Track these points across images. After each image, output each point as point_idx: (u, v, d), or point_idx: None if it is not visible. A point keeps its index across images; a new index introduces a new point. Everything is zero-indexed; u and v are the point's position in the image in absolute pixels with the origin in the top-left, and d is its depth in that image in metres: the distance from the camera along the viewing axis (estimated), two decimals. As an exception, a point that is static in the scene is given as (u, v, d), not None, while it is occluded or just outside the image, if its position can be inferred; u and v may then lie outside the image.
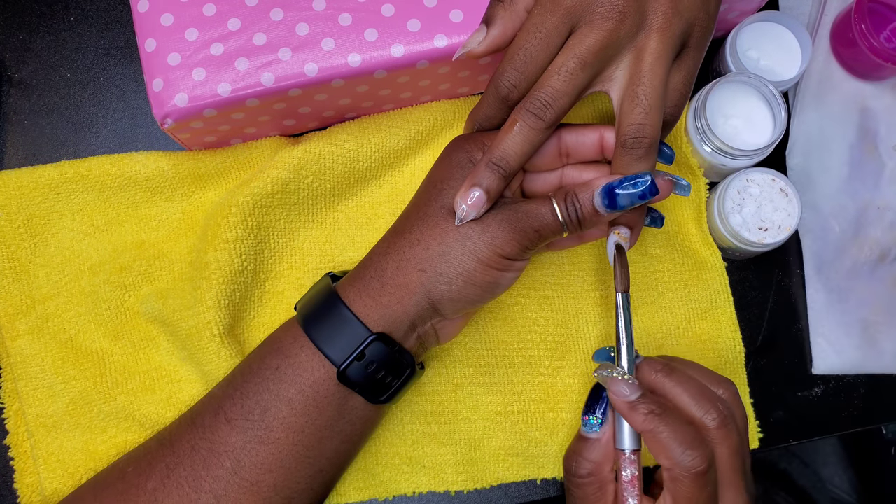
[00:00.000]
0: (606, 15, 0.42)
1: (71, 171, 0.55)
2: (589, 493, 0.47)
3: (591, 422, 0.47)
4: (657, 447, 0.43)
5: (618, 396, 0.44)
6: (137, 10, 0.50)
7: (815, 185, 0.60)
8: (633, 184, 0.43)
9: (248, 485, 0.45)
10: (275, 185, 0.53)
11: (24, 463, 0.53)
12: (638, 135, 0.42)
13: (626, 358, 0.46)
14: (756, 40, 0.58)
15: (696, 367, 0.48)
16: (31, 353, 0.54)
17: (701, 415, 0.44)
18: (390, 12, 0.49)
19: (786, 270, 0.60)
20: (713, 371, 0.48)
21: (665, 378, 0.45)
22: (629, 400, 0.44)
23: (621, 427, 0.45)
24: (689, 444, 0.42)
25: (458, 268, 0.44)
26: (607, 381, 0.45)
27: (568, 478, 0.48)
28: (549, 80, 0.43)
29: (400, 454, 0.55)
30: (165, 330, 0.54)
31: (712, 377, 0.47)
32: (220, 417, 0.46)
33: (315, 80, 0.49)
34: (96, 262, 0.55)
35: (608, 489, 0.47)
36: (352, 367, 0.45)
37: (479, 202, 0.43)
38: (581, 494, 0.47)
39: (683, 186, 0.47)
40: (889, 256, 0.60)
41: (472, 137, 0.47)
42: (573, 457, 0.47)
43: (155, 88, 0.48)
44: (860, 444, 0.93)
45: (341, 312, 0.45)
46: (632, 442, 0.45)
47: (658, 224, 0.49)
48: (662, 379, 0.45)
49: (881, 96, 0.61)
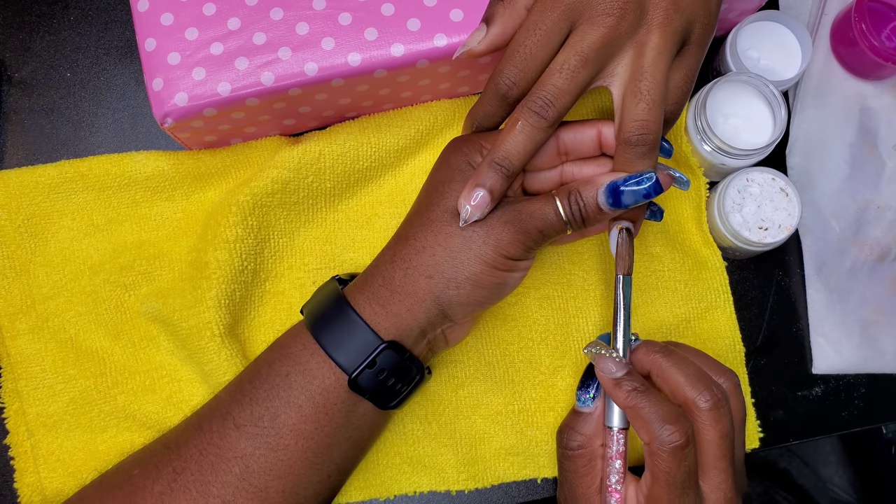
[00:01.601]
0: (607, 11, 0.42)
1: (71, 170, 0.55)
2: (578, 466, 0.48)
3: (584, 396, 0.49)
4: (638, 422, 0.43)
5: (604, 373, 0.45)
6: (137, 9, 0.50)
7: (815, 185, 0.60)
8: (638, 182, 0.42)
9: (257, 490, 0.45)
10: (275, 185, 0.53)
11: (24, 462, 0.53)
12: (642, 131, 0.42)
13: (621, 338, 0.46)
14: (756, 40, 0.58)
15: (701, 354, 0.49)
16: (32, 352, 0.54)
17: (694, 396, 0.44)
18: (390, 11, 0.49)
19: (786, 270, 0.60)
20: (718, 361, 0.49)
21: (662, 358, 0.46)
22: (614, 377, 0.44)
23: (610, 404, 0.46)
24: (667, 420, 0.42)
25: (465, 272, 0.44)
26: (595, 358, 0.46)
27: (559, 450, 0.49)
28: (550, 79, 0.42)
29: (401, 454, 0.55)
30: (166, 329, 0.54)
31: (715, 366, 0.48)
32: (229, 423, 0.45)
33: (315, 79, 0.49)
34: (96, 262, 0.55)
35: (596, 464, 0.48)
36: (363, 375, 0.45)
37: (483, 202, 0.43)
38: (571, 466, 0.48)
39: (682, 181, 0.47)
40: (889, 256, 0.60)
41: (469, 139, 0.46)
42: (566, 430, 0.49)
43: (155, 88, 0.48)
44: (860, 444, 0.93)
45: (352, 320, 0.45)
46: (619, 420, 0.46)
47: (658, 217, 0.49)
48: (659, 359, 0.46)
49: (881, 96, 0.61)
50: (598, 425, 0.48)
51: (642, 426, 0.43)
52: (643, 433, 0.43)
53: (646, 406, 0.43)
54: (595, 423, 0.48)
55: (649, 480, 0.44)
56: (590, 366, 0.49)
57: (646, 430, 0.43)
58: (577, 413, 0.49)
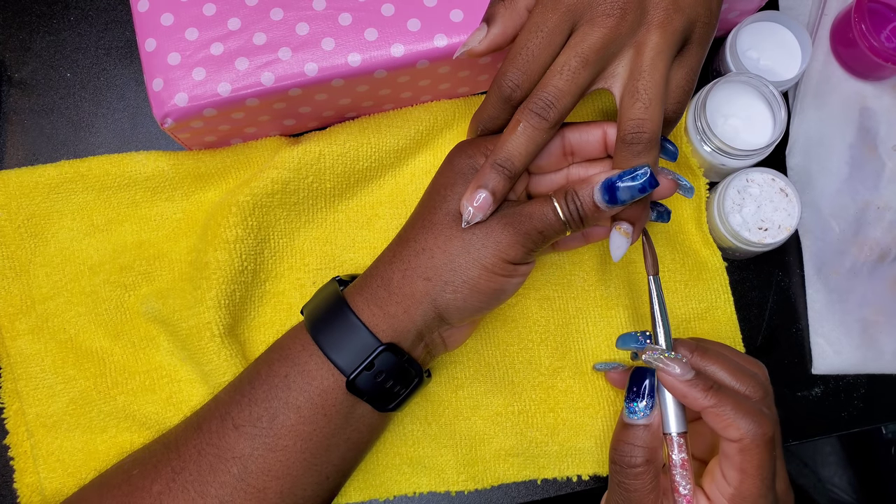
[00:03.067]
0: (607, 12, 0.42)
1: (71, 170, 0.55)
2: (646, 483, 0.44)
3: (636, 407, 0.45)
4: (722, 421, 0.42)
5: (673, 377, 0.43)
6: (137, 9, 0.50)
7: (815, 185, 0.60)
8: (633, 177, 0.42)
9: (255, 491, 0.45)
10: (275, 185, 0.53)
11: (24, 463, 0.53)
12: (637, 130, 0.42)
13: (663, 339, 0.46)
14: (756, 40, 0.58)
15: (727, 347, 0.49)
16: (31, 352, 0.54)
17: (742, 390, 0.44)
18: (390, 12, 0.49)
19: (786, 270, 0.60)
20: (742, 353, 0.49)
21: (700, 358, 0.45)
22: (686, 379, 0.43)
23: (665, 409, 0.45)
24: (752, 413, 0.42)
25: (463, 276, 0.44)
26: (660, 362, 0.44)
27: (618, 470, 0.45)
28: (551, 80, 0.42)
29: (400, 454, 0.55)
30: (165, 330, 0.54)
31: (743, 357, 0.48)
32: (228, 423, 0.46)
33: (315, 79, 0.49)
34: (96, 262, 0.55)
35: (659, 478, 0.45)
36: (361, 377, 0.45)
37: (486, 204, 0.43)
38: (637, 485, 0.44)
39: (687, 188, 0.47)
40: (889, 256, 0.60)
41: (474, 143, 0.46)
42: (623, 447, 0.45)
43: (155, 88, 0.48)
44: (860, 445, 0.93)
45: (350, 321, 0.45)
46: (678, 424, 0.44)
47: (665, 218, 0.49)
48: (697, 359, 0.45)
49: (881, 96, 0.61)
50: (658, 435, 0.45)
51: (728, 424, 0.42)
52: (731, 431, 0.42)
53: (729, 402, 0.42)
54: (655, 433, 0.45)
55: (736, 479, 0.42)
56: (635, 373, 0.46)
57: (734, 427, 0.42)
58: (630, 427, 0.45)
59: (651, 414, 0.45)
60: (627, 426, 0.45)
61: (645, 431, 0.45)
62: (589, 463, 0.55)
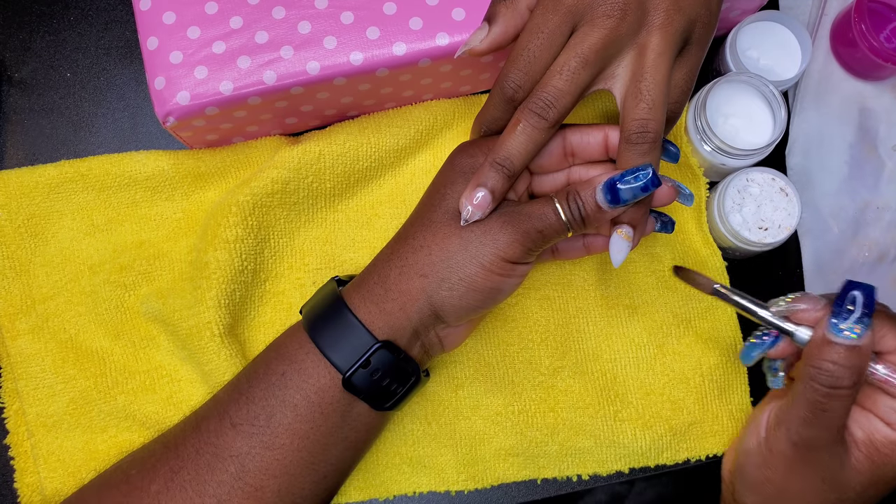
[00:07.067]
0: (607, 13, 0.42)
1: (71, 170, 0.55)
2: (848, 405, 0.43)
3: (847, 324, 0.43)
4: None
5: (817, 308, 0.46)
6: (139, 8, 0.50)
7: (815, 185, 0.60)
8: (635, 176, 0.42)
9: (252, 490, 0.45)
10: (275, 185, 0.53)
11: (24, 462, 0.53)
12: (642, 129, 0.42)
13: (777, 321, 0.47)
14: (756, 40, 0.58)
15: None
16: (31, 352, 0.54)
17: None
18: (392, 10, 0.49)
19: (786, 270, 0.60)
20: None
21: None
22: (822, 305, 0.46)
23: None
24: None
25: (460, 273, 0.44)
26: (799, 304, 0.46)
27: (816, 389, 0.43)
28: (551, 80, 0.43)
29: (400, 454, 0.55)
30: (165, 329, 0.54)
31: None
32: (226, 422, 0.45)
33: (317, 78, 0.49)
34: (96, 262, 0.55)
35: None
36: (357, 375, 0.45)
37: (485, 202, 0.43)
38: (837, 407, 0.43)
39: (687, 195, 0.47)
40: (888, 256, 0.60)
41: (476, 143, 0.47)
42: (829, 367, 0.43)
43: (157, 87, 0.48)
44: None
45: (347, 319, 0.45)
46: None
47: (669, 229, 0.49)
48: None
49: (881, 96, 0.61)
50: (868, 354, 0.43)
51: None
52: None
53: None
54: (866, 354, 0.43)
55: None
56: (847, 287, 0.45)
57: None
58: (837, 345, 0.43)
59: (863, 335, 0.43)
60: (832, 344, 0.43)
61: (855, 352, 0.43)
62: (589, 463, 0.55)
